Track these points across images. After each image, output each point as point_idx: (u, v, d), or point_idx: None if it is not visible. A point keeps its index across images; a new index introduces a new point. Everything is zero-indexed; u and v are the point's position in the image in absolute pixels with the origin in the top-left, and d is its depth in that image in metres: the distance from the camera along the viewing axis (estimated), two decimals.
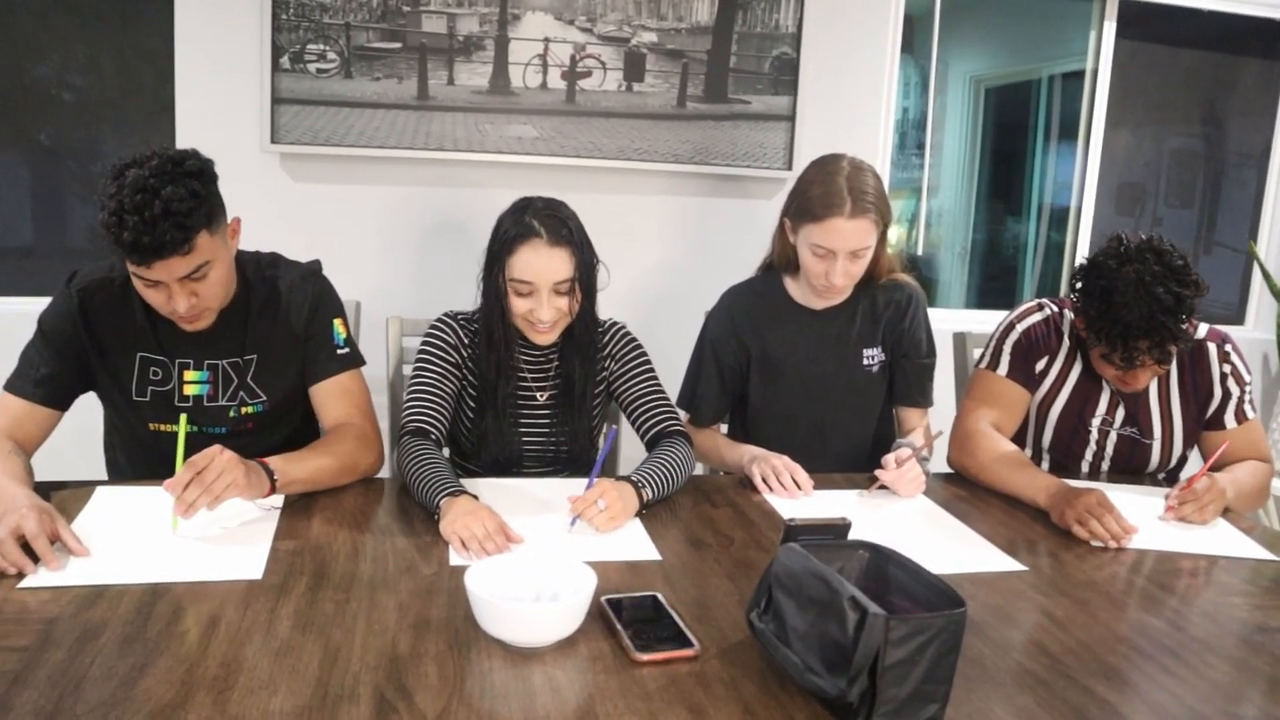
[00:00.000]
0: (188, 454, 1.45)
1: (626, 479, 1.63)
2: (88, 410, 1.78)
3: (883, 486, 1.80)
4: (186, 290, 1.56)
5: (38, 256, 3.00)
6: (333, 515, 1.57)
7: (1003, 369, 2.00)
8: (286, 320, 1.78)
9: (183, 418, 1.51)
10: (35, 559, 1.30)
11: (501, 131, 2.93)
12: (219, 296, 1.65)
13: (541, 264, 1.73)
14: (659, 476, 1.67)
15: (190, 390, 1.73)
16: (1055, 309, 2.03)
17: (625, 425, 1.94)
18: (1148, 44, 3.71)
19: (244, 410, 1.77)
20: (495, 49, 2.89)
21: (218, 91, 2.78)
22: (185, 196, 1.48)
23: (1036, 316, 2.02)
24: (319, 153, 2.83)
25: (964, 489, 1.90)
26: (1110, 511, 1.62)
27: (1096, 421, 1.99)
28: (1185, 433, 1.99)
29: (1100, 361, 1.87)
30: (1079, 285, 1.84)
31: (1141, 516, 1.71)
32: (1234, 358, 1.96)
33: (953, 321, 3.04)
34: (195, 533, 1.45)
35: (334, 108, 2.81)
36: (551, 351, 1.90)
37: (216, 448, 1.45)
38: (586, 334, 1.86)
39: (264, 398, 1.78)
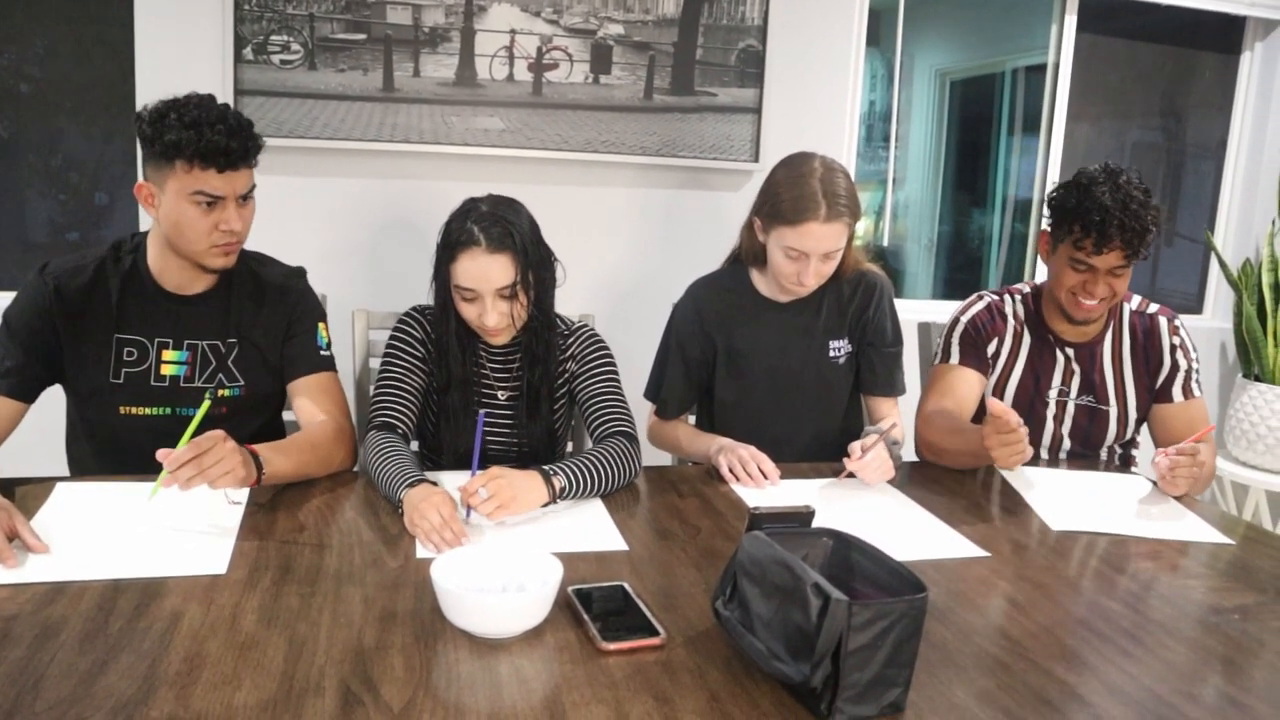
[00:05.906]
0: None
1: (538, 468, 1.60)
2: (50, 405, 1.75)
3: (851, 474, 1.82)
4: (239, 212, 1.67)
5: None
6: (298, 509, 1.56)
7: (954, 359, 2.08)
8: (271, 313, 1.81)
9: (206, 401, 1.54)
10: None
11: (468, 124, 2.92)
12: (249, 230, 1.74)
13: (482, 271, 1.71)
14: (578, 468, 1.63)
15: (167, 370, 1.73)
16: (996, 297, 2.13)
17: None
18: (1108, 38, 3.76)
19: (220, 393, 1.77)
20: (461, 41, 2.88)
21: (180, 83, 2.68)
22: (241, 115, 1.66)
23: (979, 306, 2.12)
24: (283, 145, 2.80)
25: (929, 476, 1.92)
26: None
27: (1053, 393, 2.05)
28: (1139, 401, 2.06)
29: (1060, 280, 1.94)
30: (1055, 193, 1.95)
31: (1108, 501, 1.73)
32: (1182, 332, 2.05)
33: (919, 312, 3.06)
34: (160, 525, 1.44)
35: (298, 99, 2.78)
36: (513, 350, 1.89)
37: (220, 434, 1.44)
38: (541, 335, 1.85)
39: (242, 382, 1.79)
